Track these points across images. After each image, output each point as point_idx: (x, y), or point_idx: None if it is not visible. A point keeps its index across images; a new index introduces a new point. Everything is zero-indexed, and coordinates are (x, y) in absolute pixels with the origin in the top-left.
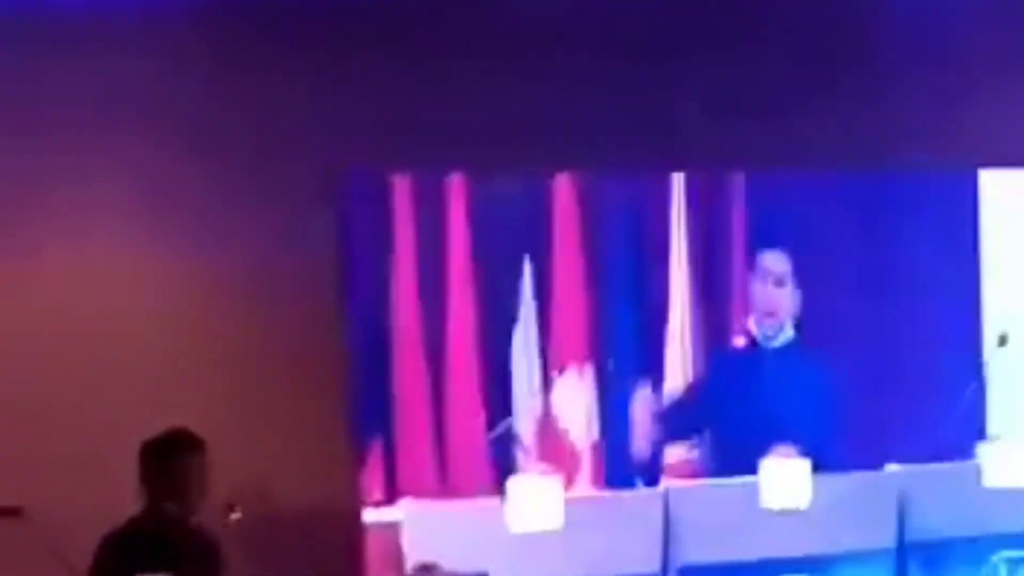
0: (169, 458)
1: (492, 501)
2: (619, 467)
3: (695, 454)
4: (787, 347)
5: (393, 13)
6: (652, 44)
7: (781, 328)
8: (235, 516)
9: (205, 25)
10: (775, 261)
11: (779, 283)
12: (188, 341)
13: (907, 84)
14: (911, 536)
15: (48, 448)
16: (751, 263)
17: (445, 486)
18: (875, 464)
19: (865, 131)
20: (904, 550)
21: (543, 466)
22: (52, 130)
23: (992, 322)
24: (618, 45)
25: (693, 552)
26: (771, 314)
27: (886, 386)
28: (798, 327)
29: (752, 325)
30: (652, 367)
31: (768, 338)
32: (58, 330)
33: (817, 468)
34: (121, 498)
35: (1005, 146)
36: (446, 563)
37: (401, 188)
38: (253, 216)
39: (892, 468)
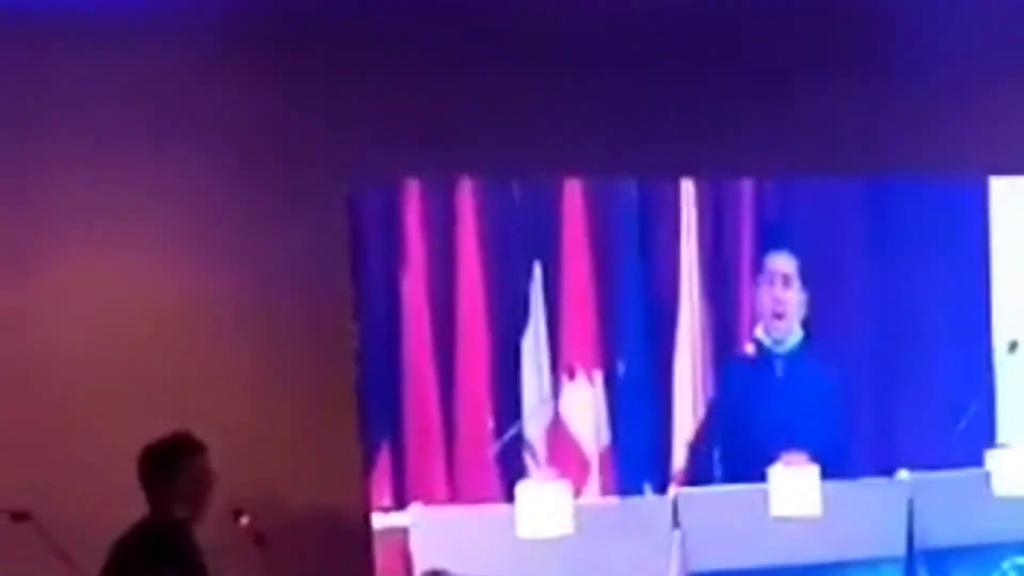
0: (171, 462)
1: (501, 507)
2: (629, 473)
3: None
4: (796, 353)
5: (401, 22)
6: (660, 51)
7: (789, 331)
8: (244, 521)
9: (213, 39)
10: (781, 261)
11: (786, 283)
12: (196, 346)
13: (918, 90)
14: (921, 543)
15: (57, 453)
16: (759, 268)
17: (454, 491)
18: (885, 471)
19: (876, 137)
20: (914, 557)
21: (552, 471)
22: (62, 144)
23: (1002, 329)
24: (627, 52)
25: (702, 559)
26: (779, 315)
27: (896, 393)
28: (807, 330)
29: (760, 331)
30: (662, 372)
31: (777, 342)
32: (66, 336)
33: (826, 475)
34: (129, 503)
35: (1015, 153)
36: (455, 569)
37: (411, 193)
38: (263, 222)
39: (902, 475)
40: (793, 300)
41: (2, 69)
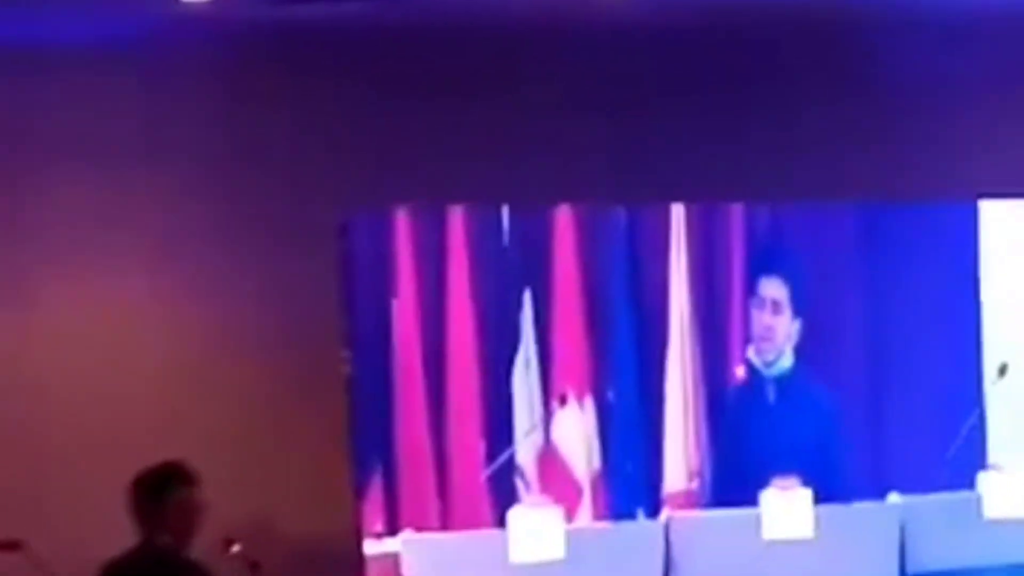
0: (160, 492)
1: (493, 532)
2: (621, 497)
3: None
4: (787, 376)
5: (393, 52)
6: (652, 76)
7: (779, 355)
8: (235, 549)
9: (205, 68)
10: (772, 287)
11: (776, 309)
12: (188, 375)
13: (907, 114)
14: (913, 567)
15: (49, 482)
16: (750, 293)
17: (446, 517)
18: (877, 494)
19: (867, 161)
20: None
21: (544, 497)
22: (57, 173)
23: (992, 352)
24: (617, 77)
25: None
26: (768, 340)
27: (887, 416)
28: (797, 356)
29: (751, 353)
30: (653, 397)
31: (767, 364)
32: (58, 366)
33: (818, 499)
34: (121, 532)
35: (1005, 175)
36: None
37: (402, 221)
38: (256, 250)
39: (893, 499)
40: (783, 326)
41: None
